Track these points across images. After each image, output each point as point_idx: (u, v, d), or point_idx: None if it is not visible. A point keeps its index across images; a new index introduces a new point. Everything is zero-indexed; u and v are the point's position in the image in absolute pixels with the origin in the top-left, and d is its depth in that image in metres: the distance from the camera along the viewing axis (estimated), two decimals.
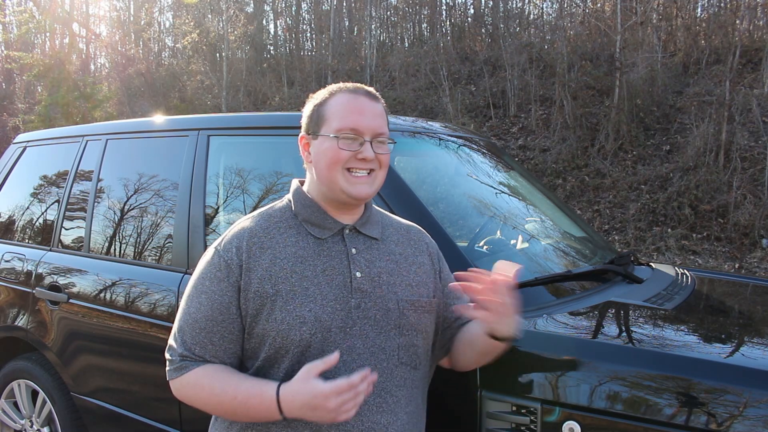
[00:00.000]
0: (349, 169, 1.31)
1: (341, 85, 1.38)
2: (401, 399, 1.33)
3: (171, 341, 1.35)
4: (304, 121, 1.39)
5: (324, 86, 1.45)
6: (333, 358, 1.19)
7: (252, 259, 1.31)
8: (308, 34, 18.61)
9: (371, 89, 1.38)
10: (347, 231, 1.36)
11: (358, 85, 1.38)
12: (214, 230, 2.24)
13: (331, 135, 1.31)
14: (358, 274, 1.32)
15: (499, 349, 1.34)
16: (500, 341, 1.30)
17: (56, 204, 2.84)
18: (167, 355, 1.35)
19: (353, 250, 1.34)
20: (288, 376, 1.27)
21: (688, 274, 2.40)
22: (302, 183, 1.43)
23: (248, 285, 1.29)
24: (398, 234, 1.45)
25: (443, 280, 1.48)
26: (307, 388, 1.18)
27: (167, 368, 1.34)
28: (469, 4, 16.15)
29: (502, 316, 1.23)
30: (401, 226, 1.49)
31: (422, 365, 1.39)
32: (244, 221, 1.39)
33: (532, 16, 14.95)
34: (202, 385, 1.28)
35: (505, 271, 1.23)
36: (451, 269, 1.55)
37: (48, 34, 17.93)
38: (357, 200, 1.33)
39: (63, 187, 2.83)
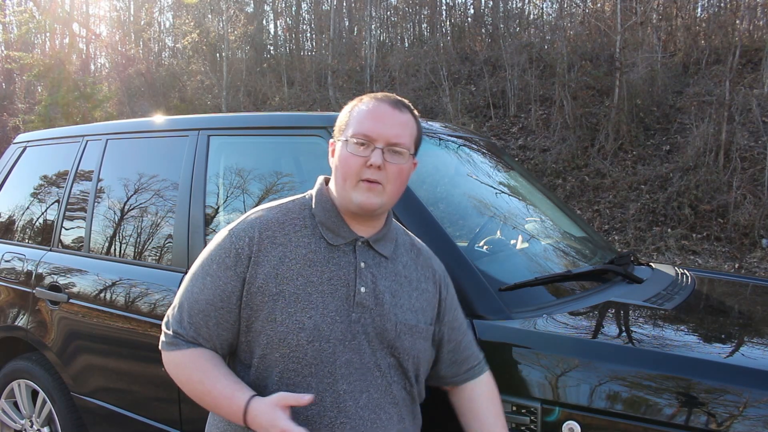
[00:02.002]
0: (362, 180, 1.28)
1: (373, 94, 1.37)
2: (394, 416, 1.34)
3: (169, 313, 1.37)
4: (335, 128, 1.39)
5: (324, 86, 1.47)
6: (306, 399, 1.20)
7: (262, 253, 1.30)
8: (308, 34, 18.63)
9: (401, 99, 1.37)
10: (360, 243, 1.35)
11: (390, 94, 1.37)
12: (214, 230, 2.24)
13: (344, 139, 1.31)
14: (363, 289, 1.31)
15: None
16: None
17: (56, 204, 2.84)
18: (163, 326, 1.37)
19: (362, 264, 1.33)
20: (282, 378, 1.28)
21: (688, 274, 2.40)
22: (328, 181, 1.41)
23: (254, 278, 1.29)
24: (408, 256, 1.43)
25: (448, 308, 1.46)
26: (270, 415, 1.19)
27: (161, 338, 1.36)
28: (469, 4, 16.16)
29: None
30: (413, 247, 1.46)
31: (414, 386, 1.39)
32: (263, 210, 1.38)
33: (532, 16, 14.96)
34: (185, 368, 1.31)
35: None
36: (451, 269, 1.55)
37: (48, 34, 17.92)
38: (364, 211, 1.31)
39: (63, 187, 2.83)
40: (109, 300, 2.37)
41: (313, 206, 1.37)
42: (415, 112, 1.40)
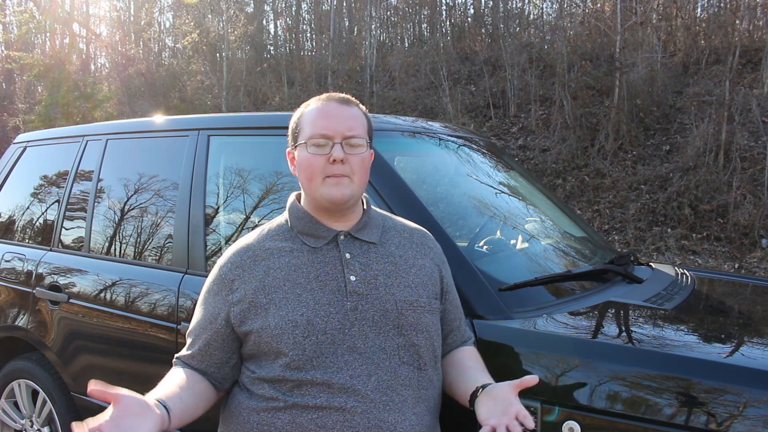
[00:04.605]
0: (327, 176, 1.34)
1: (317, 96, 1.43)
2: (408, 398, 1.33)
3: None
4: (288, 137, 1.44)
5: (324, 86, 1.49)
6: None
7: (247, 273, 1.37)
8: (308, 34, 18.62)
9: (346, 96, 1.42)
10: (341, 237, 1.39)
11: (333, 93, 1.43)
12: (214, 230, 2.24)
13: (303, 143, 1.36)
14: (353, 278, 1.35)
15: (466, 407, 1.37)
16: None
17: (56, 204, 2.84)
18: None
19: (347, 255, 1.37)
20: (286, 378, 1.30)
21: (688, 274, 2.40)
22: (299, 197, 1.47)
23: (244, 296, 1.35)
24: (400, 237, 1.47)
25: (450, 286, 1.50)
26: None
27: None
28: (469, 4, 16.16)
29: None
30: (405, 229, 1.50)
31: (428, 366, 1.39)
32: (243, 239, 1.46)
33: (532, 16, 14.96)
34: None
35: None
36: (451, 269, 1.55)
37: (48, 34, 17.91)
38: (336, 204, 1.36)
39: (63, 187, 2.83)
40: (109, 300, 2.37)
41: (289, 221, 1.43)
42: (362, 106, 1.45)
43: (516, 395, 1.23)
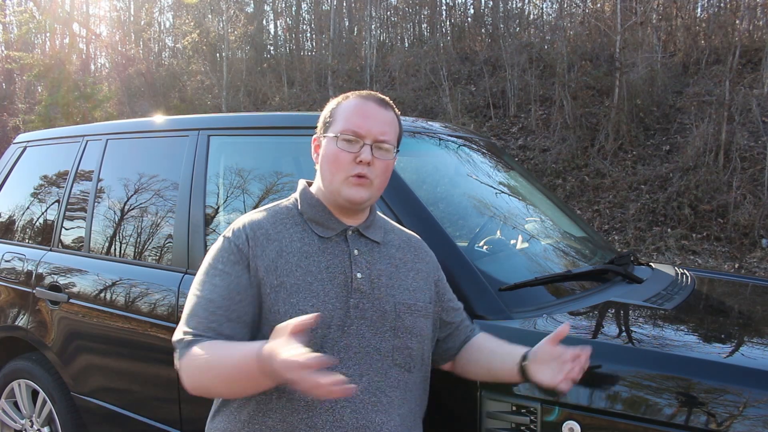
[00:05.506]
0: (351, 176, 1.32)
1: (358, 92, 1.41)
2: (395, 400, 1.35)
3: (178, 331, 1.29)
4: (318, 123, 1.43)
5: (324, 86, 1.49)
6: (309, 318, 1.09)
7: (259, 248, 1.33)
8: (308, 34, 18.63)
9: (385, 98, 1.41)
10: (350, 232, 1.39)
11: (373, 93, 1.41)
12: (214, 230, 2.24)
13: (333, 135, 1.34)
14: (359, 275, 1.35)
15: (518, 382, 1.40)
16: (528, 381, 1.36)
17: (56, 204, 2.84)
18: (175, 345, 1.28)
19: (355, 251, 1.37)
20: None
21: (688, 274, 2.40)
22: (309, 185, 1.46)
23: (255, 272, 1.32)
24: (400, 240, 1.48)
25: (441, 290, 1.51)
26: (279, 347, 1.06)
27: (176, 358, 1.27)
28: (469, 4, 16.16)
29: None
30: (403, 234, 1.51)
31: (417, 369, 1.40)
32: (252, 214, 1.42)
33: (532, 16, 14.96)
34: (199, 354, 1.21)
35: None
36: (451, 269, 1.56)
37: (48, 34, 17.92)
38: (353, 204, 1.35)
39: (63, 187, 2.83)
40: (109, 300, 2.37)
41: (300, 206, 1.41)
42: (397, 110, 1.44)
43: (557, 346, 1.31)
